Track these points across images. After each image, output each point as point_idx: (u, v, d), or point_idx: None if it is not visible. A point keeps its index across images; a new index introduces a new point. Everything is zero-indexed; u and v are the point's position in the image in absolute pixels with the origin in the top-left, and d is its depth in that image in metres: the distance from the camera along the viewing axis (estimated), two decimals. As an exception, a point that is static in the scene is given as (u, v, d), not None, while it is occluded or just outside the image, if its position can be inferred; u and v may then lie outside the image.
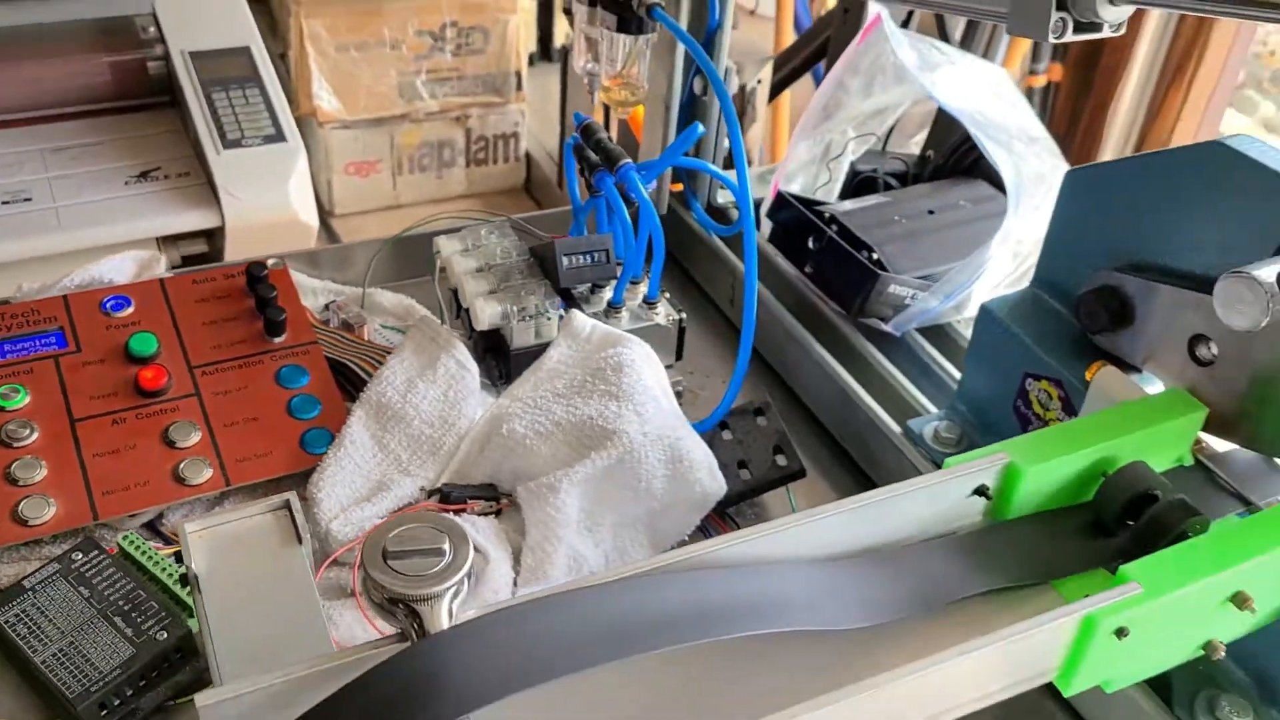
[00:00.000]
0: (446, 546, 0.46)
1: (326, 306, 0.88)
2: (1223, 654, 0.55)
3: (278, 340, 0.80)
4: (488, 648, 0.43)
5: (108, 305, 0.79)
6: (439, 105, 1.35)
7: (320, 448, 0.74)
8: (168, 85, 1.28)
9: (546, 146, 1.48)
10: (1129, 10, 0.61)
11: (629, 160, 0.76)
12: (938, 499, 0.56)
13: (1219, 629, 0.55)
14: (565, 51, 1.31)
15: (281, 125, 1.15)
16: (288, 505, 0.56)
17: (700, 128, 0.80)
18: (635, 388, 0.72)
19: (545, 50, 1.61)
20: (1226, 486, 0.61)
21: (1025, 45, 1.82)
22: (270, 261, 0.84)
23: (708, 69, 0.78)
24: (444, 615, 0.45)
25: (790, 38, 1.50)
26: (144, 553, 0.66)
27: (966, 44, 1.71)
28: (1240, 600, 0.53)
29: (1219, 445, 0.64)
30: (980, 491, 0.57)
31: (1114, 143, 2.07)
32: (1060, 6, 0.61)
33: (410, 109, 1.34)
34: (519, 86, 1.36)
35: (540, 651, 0.44)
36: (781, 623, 0.49)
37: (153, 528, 0.72)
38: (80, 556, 0.65)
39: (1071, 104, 2.06)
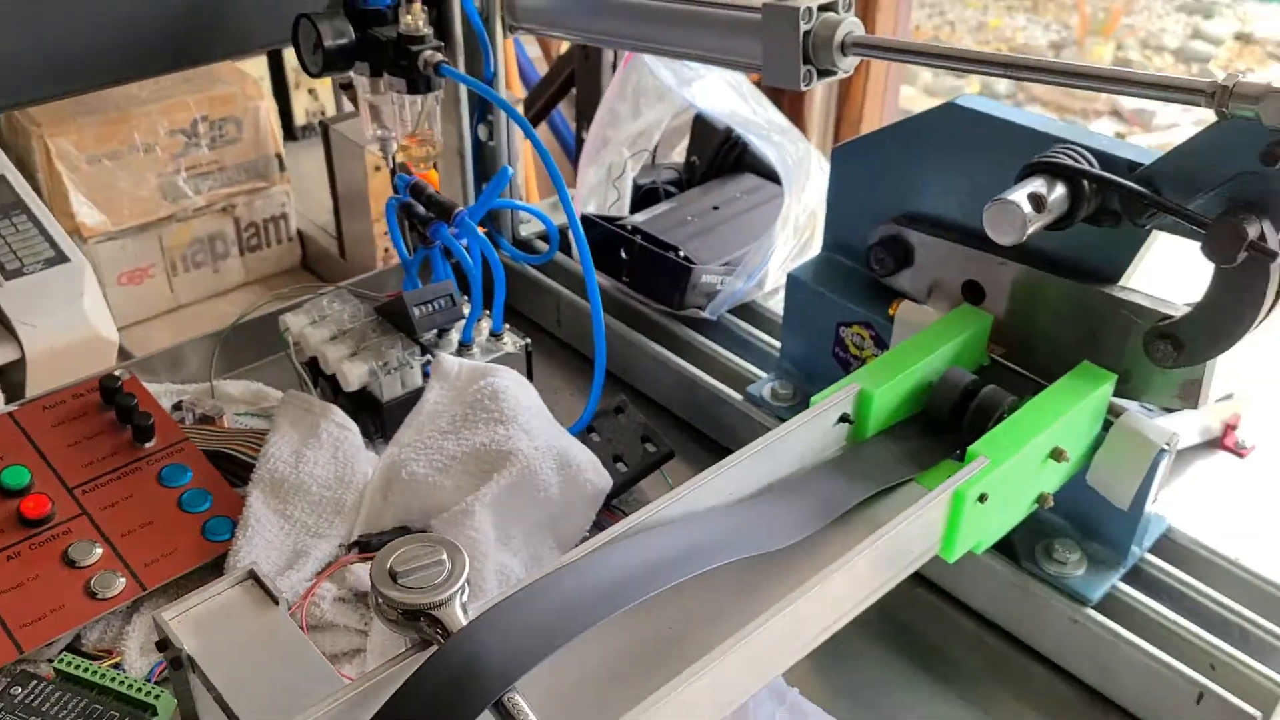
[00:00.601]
0: (444, 557, 0.52)
1: (177, 406, 0.89)
2: (1051, 503, 0.69)
3: (148, 445, 0.81)
4: (511, 628, 0.50)
5: (-39, 450, 0.78)
6: (205, 199, 1.35)
7: (224, 534, 0.77)
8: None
9: (317, 221, 1.51)
10: (858, 59, 0.74)
11: (463, 209, 0.82)
12: (812, 431, 0.67)
13: (1046, 481, 0.68)
14: (324, 126, 1.35)
15: (60, 246, 1.12)
16: (253, 574, 0.59)
17: (510, 170, 0.88)
18: (516, 409, 0.79)
19: (289, 130, 1.63)
20: (1020, 373, 0.75)
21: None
22: (118, 372, 0.85)
23: (509, 111, 0.86)
24: (459, 613, 0.50)
25: (519, 89, 1.60)
26: (85, 669, 0.67)
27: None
28: (1057, 454, 0.67)
29: (1003, 345, 0.78)
30: (843, 419, 0.68)
31: (815, 126, 2.30)
32: (806, 60, 0.73)
33: (176, 208, 1.34)
34: (281, 168, 1.38)
35: (552, 621, 0.51)
36: (724, 557, 0.58)
37: (74, 649, 0.72)
38: (20, 690, 0.65)
39: (773, 98, 2.27)
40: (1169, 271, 0.70)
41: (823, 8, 0.72)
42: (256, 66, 1.51)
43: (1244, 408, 0.86)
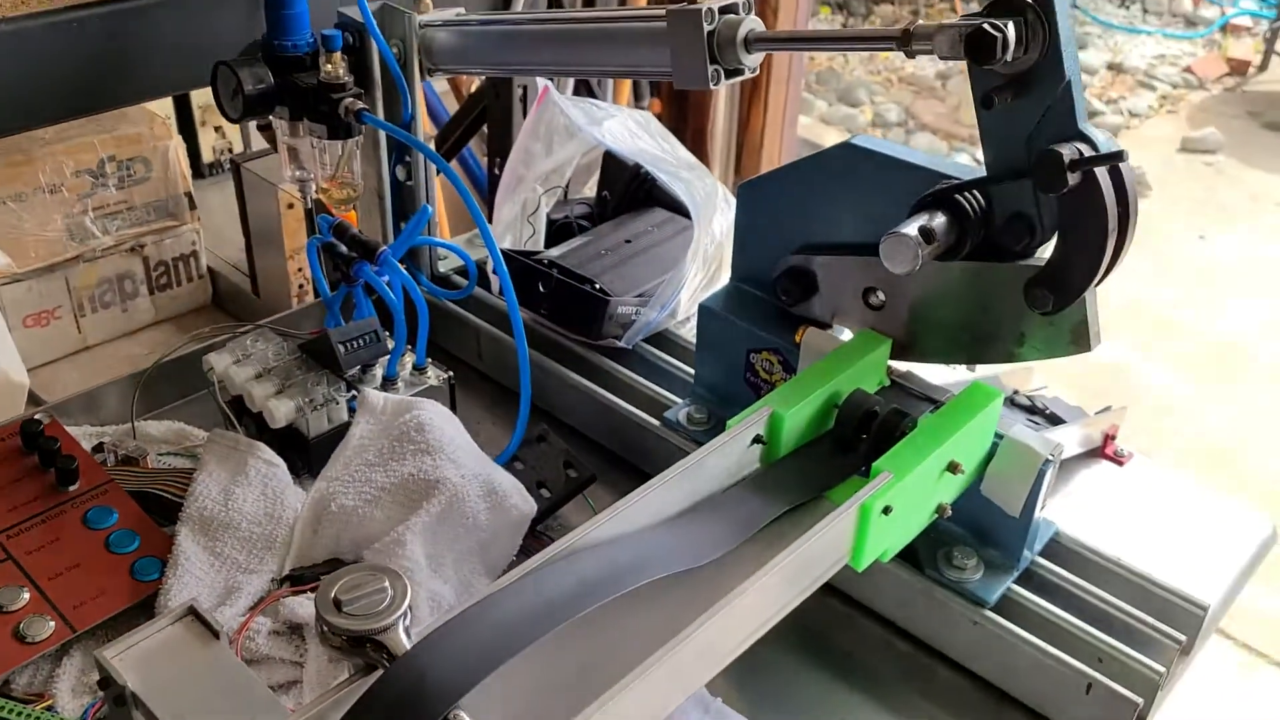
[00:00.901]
0: (387, 584, 0.54)
1: (98, 448, 0.89)
2: (950, 513, 0.74)
3: (73, 488, 0.82)
4: (453, 649, 0.52)
5: (-122, 498, 0.78)
6: (113, 239, 1.35)
7: (153, 574, 0.77)
8: None
9: (228, 259, 1.51)
10: (761, 55, 0.79)
11: (387, 247, 0.85)
12: (728, 453, 0.71)
13: (944, 493, 0.73)
14: (236, 164, 1.35)
15: (-34, 290, 1.11)
16: (193, 610, 0.61)
17: (430, 209, 0.91)
18: (442, 439, 0.81)
19: (196, 168, 1.62)
20: (916, 393, 0.81)
21: (628, 84, 2.05)
22: (39, 416, 0.85)
23: (431, 156, 0.89)
24: (403, 637, 0.53)
25: (429, 125, 1.62)
26: (17, 713, 0.67)
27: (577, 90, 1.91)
28: (953, 467, 0.72)
29: (902, 367, 0.84)
30: (757, 440, 0.72)
31: (718, 158, 2.37)
32: (712, 60, 0.78)
33: (84, 249, 1.33)
34: (192, 206, 1.38)
35: (492, 641, 0.54)
36: (651, 574, 0.61)
37: (4, 694, 0.72)
38: (-47, 737, 0.65)
39: (673, 130, 2.33)
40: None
41: (724, 9, 0.77)
42: (163, 105, 1.50)
43: (1121, 419, 0.93)
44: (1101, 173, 0.66)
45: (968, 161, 3.77)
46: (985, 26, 0.64)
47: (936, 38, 0.67)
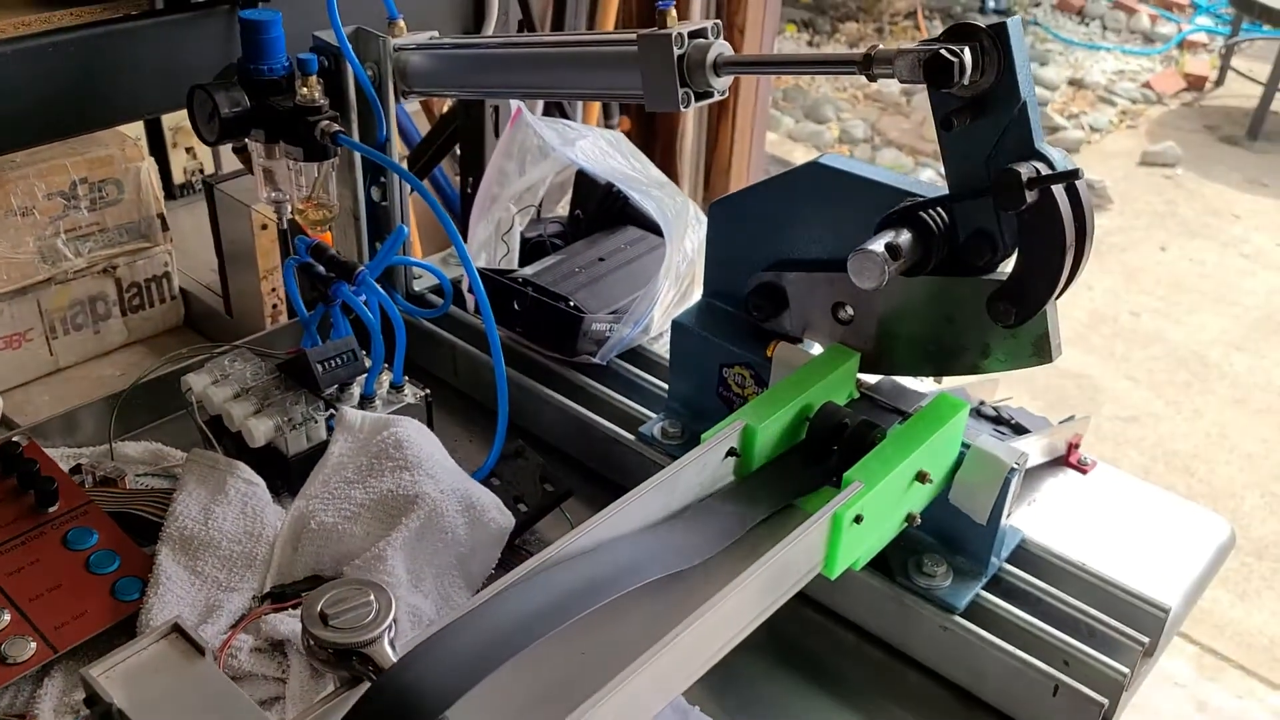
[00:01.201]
0: (372, 598, 0.55)
1: (76, 469, 0.90)
2: (919, 521, 0.76)
3: (52, 509, 0.82)
4: (438, 661, 0.54)
5: None
6: (86, 261, 1.35)
7: (134, 594, 0.78)
8: None
9: (200, 280, 1.51)
10: (730, 78, 0.81)
11: (364, 267, 0.86)
12: (703, 466, 0.72)
13: (913, 502, 0.75)
14: (209, 185, 1.36)
15: (-62, 313, 1.10)
16: (177, 627, 0.61)
17: (406, 229, 0.92)
18: (420, 455, 0.82)
19: (168, 188, 1.62)
20: (885, 405, 0.83)
21: (598, 104, 2.07)
22: (17, 438, 0.85)
23: (407, 177, 0.90)
24: (389, 650, 0.54)
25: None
26: (2, 735, 0.68)
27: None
28: (922, 477, 0.74)
29: (871, 379, 0.86)
30: (731, 452, 0.74)
31: (687, 175, 2.40)
32: (683, 84, 0.80)
33: (56, 271, 1.33)
34: (164, 227, 1.39)
35: (477, 652, 0.55)
36: (631, 583, 0.63)
37: (-14, 717, 0.72)
38: (-64, 759, 0.66)
39: (643, 148, 2.35)
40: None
41: (693, 34, 0.79)
42: (133, 127, 1.50)
43: (1085, 428, 0.96)
44: (1059, 190, 0.69)
45: (932, 176, 3.82)
46: (942, 52, 0.66)
47: (896, 62, 0.69)
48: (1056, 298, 0.72)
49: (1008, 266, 0.74)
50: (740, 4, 2.31)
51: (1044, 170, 0.68)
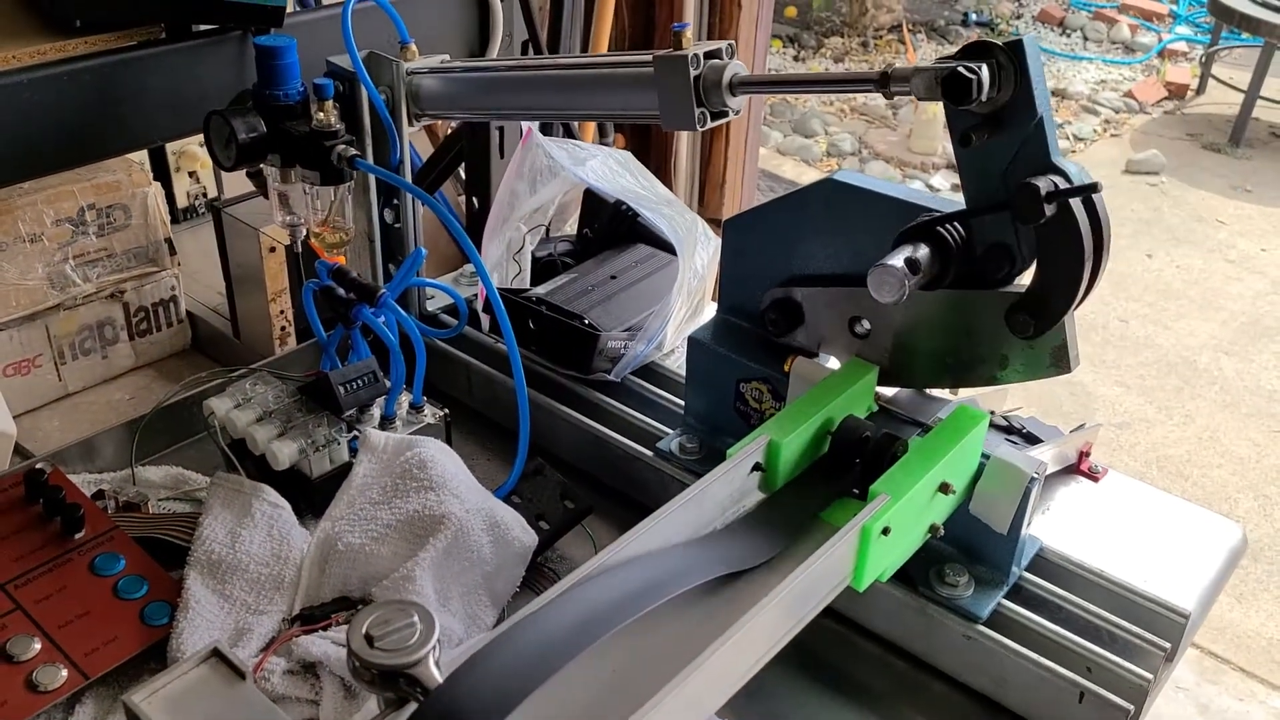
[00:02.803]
0: (415, 619, 0.56)
1: (98, 495, 0.90)
2: (942, 532, 0.77)
3: (79, 536, 0.82)
4: (484, 680, 0.54)
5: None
6: (94, 287, 1.35)
7: (163, 619, 0.78)
8: None
9: (207, 303, 1.51)
10: (745, 97, 0.83)
11: (385, 290, 0.87)
12: (729, 481, 0.73)
13: (936, 513, 0.76)
14: (216, 208, 1.36)
15: (-50, 340, 1.10)
16: (217, 651, 0.62)
17: (424, 251, 0.93)
18: (444, 475, 0.83)
19: (171, 212, 1.63)
20: (905, 417, 0.84)
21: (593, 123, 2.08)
22: (40, 465, 0.86)
23: (426, 200, 0.91)
24: (434, 670, 0.55)
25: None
26: (38, 762, 0.68)
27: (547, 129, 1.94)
28: (945, 488, 0.75)
29: (888, 391, 0.87)
30: (756, 467, 0.75)
31: (682, 191, 2.41)
32: (699, 104, 0.81)
33: (64, 297, 1.33)
34: (172, 251, 1.39)
35: (522, 669, 0.55)
36: (670, 591, 0.64)
37: (18, 745, 0.72)
38: (-26, 787, 0.66)
39: (636, 165, 2.37)
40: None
41: (708, 55, 0.80)
42: (138, 152, 1.51)
43: (1095, 437, 0.97)
44: (1076, 203, 0.70)
45: (920, 188, 3.85)
46: (960, 69, 0.67)
47: (913, 80, 0.70)
48: (1074, 309, 0.73)
49: (1025, 278, 0.75)
50: (731, 21, 2.32)
51: (1061, 184, 0.69)
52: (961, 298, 0.77)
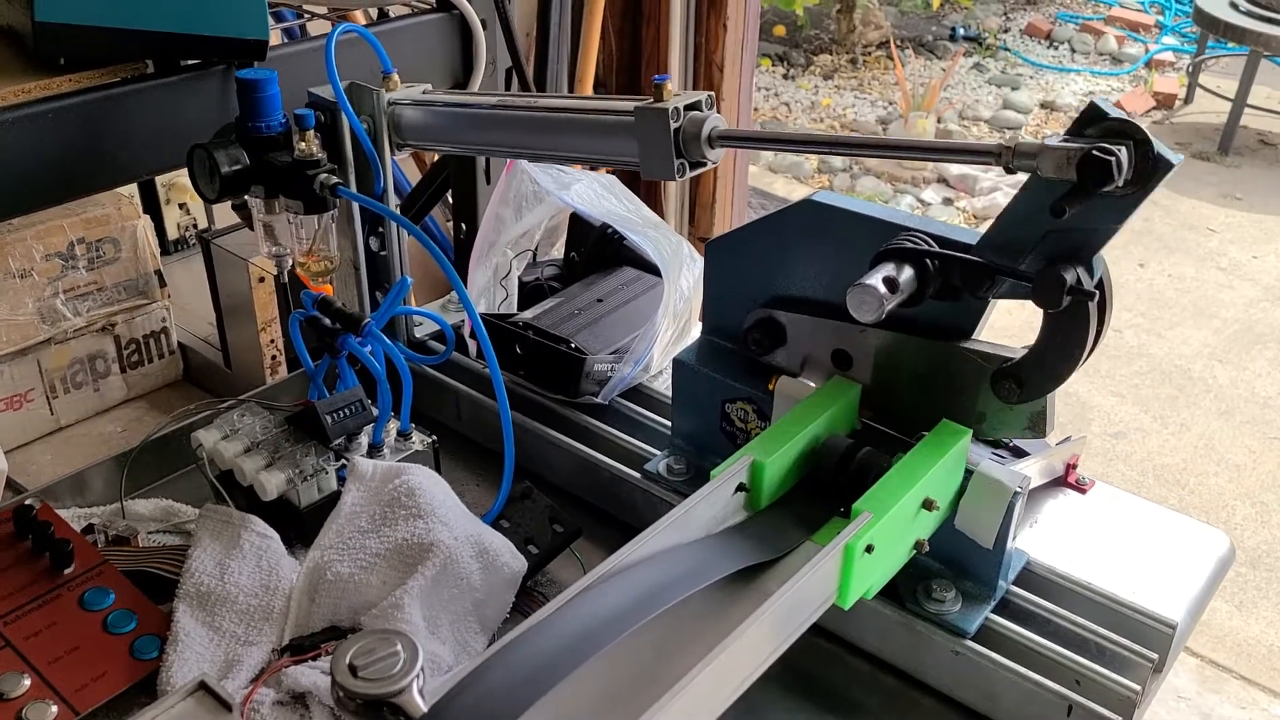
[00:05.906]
0: (399, 647, 0.56)
1: (88, 529, 0.90)
2: (927, 548, 0.77)
3: (68, 571, 0.83)
4: (470, 705, 0.54)
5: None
6: (85, 320, 1.36)
7: (152, 652, 0.78)
8: None
9: (198, 334, 1.52)
10: (724, 150, 0.83)
11: (370, 320, 0.87)
12: (714, 503, 0.74)
13: (921, 529, 0.77)
14: (205, 240, 1.37)
15: (-58, 377, 1.11)
16: (204, 685, 0.62)
17: (410, 280, 0.93)
18: (432, 503, 0.83)
19: (162, 244, 1.64)
20: (888, 434, 0.84)
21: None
22: (29, 501, 0.86)
23: (408, 227, 0.91)
24: (418, 699, 0.55)
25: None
26: (28, 799, 0.68)
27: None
28: (929, 504, 0.75)
29: (871, 410, 0.87)
30: (740, 487, 0.75)
31: (673, 211, 2.42)
32: (678, 155, 0.81)
33: (55, 331, 1.34)
34: (162, 284, 1.40)
35: (507, 693, 0.56)
36: (654, 609, 0.64)
37: (10, 782, 0.72)
38: (-36, 826, 0.66)
39: (627, 184, 2.37)
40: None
41: (688, 107, 0.81)
42: (128, 185, 1.52)
43: (1081, 449, 0.97)
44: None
45: (911, 203, 3.86)
46: (1095, 152, 0.63)
47: (1040, 158, 0.66)
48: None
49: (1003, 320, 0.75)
50: (717, 42, 2.34)
51: (1084, 278, 0.69)
52: (948, 351, 0.78)
